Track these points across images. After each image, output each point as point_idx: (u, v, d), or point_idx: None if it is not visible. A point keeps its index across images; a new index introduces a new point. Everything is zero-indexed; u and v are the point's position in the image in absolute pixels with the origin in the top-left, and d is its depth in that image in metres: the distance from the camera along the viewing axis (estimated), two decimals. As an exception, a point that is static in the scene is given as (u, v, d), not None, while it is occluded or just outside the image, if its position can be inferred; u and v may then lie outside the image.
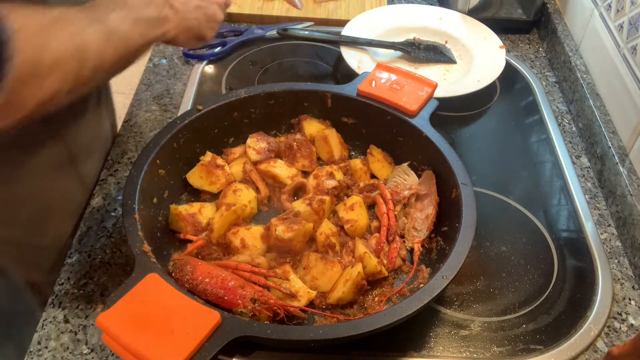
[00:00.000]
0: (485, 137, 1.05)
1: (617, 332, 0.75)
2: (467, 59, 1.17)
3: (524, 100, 1.12)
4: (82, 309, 0.74)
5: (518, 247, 0.85)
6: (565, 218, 0.90)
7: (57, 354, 0.70)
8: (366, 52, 1.15)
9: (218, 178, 0.85)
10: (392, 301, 0.74)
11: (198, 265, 0.70)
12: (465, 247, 0.70)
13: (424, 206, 0.83)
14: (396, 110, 0.87)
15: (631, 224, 0.84)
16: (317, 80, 1.14)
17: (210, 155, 0.87)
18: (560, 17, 1.23)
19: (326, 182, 0.85)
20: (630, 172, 0.89)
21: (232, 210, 0.78)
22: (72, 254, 0.80)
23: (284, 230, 0.75)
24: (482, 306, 0.77)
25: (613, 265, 0.83)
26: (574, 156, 1.00)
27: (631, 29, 0.95)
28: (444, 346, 0.72)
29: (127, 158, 0.95)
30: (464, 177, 0.78)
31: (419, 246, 0.79)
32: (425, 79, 0.91)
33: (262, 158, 0.88)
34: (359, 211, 0.82)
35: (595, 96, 1.03)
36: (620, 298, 0.79)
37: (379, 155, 0.90)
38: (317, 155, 0.91)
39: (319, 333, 0.61)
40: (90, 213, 0.86)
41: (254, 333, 0.60)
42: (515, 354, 0.72)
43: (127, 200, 0.72)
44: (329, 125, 0.93)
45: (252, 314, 0.67)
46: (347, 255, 0.78)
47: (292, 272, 0.75)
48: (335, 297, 0.72)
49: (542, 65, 1.21)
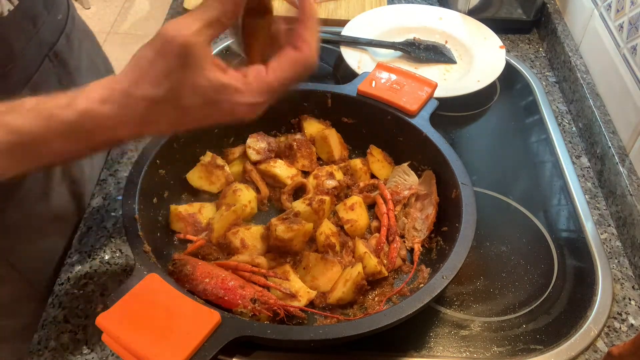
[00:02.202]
0: (485, 137, 1.05)
1: (617, 332, 0.75)
2: (467, 59, 1.17)
3: (524, 100, 1.12)
4: (82, 309, 0.74)
5: (518, 247, 0.85)
6: (565, 218, 0.90)
7: (57, 354, 0.70)
8: (366, 52, 1.15)
9: (218, 178, 0.85)
10: (392, 301, 0.74)
11: (198, 265, 0.70)
12: (465, 247, 0.70)
13: (424, 206, 0.83)
14: (396, 110, 0.87)
15: (631, 224, 0.84)
16: (317, 80, 1.14)
17: (210, 155, 0.87)
18: (560, 17, 1.23)
19: (326, 182, 0.85)
20: (630, 172, 0.89)
21: (232, 210, 0.78)
22: (72, 254, 0.80)
23: (284, 230, 0.75)
24: (482, 306, 0.77)
25: (613, 265, 0.83)
26: (574, 156, 1.00)
27: (631, 29, 0.95)
28: (444, 346, 0.72)
29: (127, 158, 0.95)
30: (464, 177, 0.78)
31: (419, 246, 0.79)
32: (425, 79, 0.91)
33: (262, 158, 0.88)
34: (359, 211, 0.82)
35: (595, 96, 1.03)
36: (620, 298, 0.79)
37: (379, 155, 0.90)
38: (317, 155, 0.91)
39: (319, 333, 0.61)
40: (90, 213, 0.86)
41: (254, 333, 0.60)
42: (515, 354, 0.72)
43: (127, 200, 0.72)
44: (329, 125, 0.93)
45: (252, 314, 0.67)
46: (347, 255, 0.78)
47: (292, 272, 0.75)
48: (335, 297, 0.72)
49: (542, 65, 1.21)
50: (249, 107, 0.52)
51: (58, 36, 0.80)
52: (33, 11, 0.71)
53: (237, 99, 0.51)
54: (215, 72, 0.50)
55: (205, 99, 0.50)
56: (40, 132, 0.49)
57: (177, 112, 0.51)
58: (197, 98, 0.50)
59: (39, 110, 0.49)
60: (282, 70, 0.54)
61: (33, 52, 0.73)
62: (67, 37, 0.83)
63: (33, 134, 0.48)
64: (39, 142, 0.49)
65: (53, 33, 0.78)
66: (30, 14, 0.70)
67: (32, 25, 0.71)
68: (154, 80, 0.49)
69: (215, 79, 0.50)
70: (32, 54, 0.72)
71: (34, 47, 0.73)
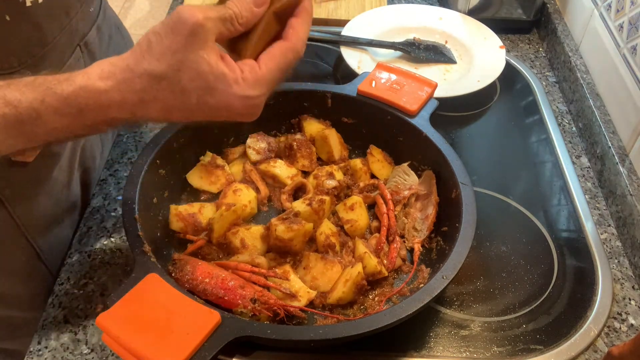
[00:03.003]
0: (485, 137, 1.05)
1: (617, 332, 0.75)
2: (467, 59, 1.17)
3: (524, 100, 1.12)
4: (82, 309, 0.74)
5: (518, 247, 0.85)
6: (565, 218, 0.90)
7: (57, 354, 0.70)
8: (366, 52, 1.15)
9: (218, 178, 0.85)
10: (392, 301, 0.74)
11: (198, 265, 0.70)
12: (465, 247, 0.70)
13: (424, 206, 0.83)
14: (396, 110, 0.87)
15: (631, 224, 0.84)
16: (317, 80, 1.14)
17: (210, 155, 0.87)
18: (560, 17, 1.23)
19: (326, 182, 0.85)
20: (630, 172, 0.89)
21: (232, 210, 0.78)
22: (72, 254, 0.80)
23: (284, 230, 0.75)
24: (482, 306, 0.77)
25: (613, 265, 0.83)
26: (574, 156, 1.00)
27: (631, 29, 0.95)
28: (444, 346, 0.72)
29: (127, 158, 0.95)
30: (464, 177, 0.78)
31: (419, 246, 0.79)
32: (425, 79, 0.91)
33: (262, 158, 0.88)
34: (359, 211, 0.82)
35: (595, 96, 1.03)
36: (620, 298, 0.79)
37: (379, 155, 0.90)
38: (317, 155, 0.91)
39: (319, 333, 0.61)
40: (90, 213, 0.86)
41: (254, 333, 0.60)
42: (515, 354, 0.72)
43: (127, 200, 0.72)
44: (329, 125, 0.93)
45: (252, 314, 0.67)
46: (347, 255, 0.78)
47: (292, 272, 0.74)
48: (335, 297, 0.72)
49: (542, 65, 1.21)
50: (243, 100, 0.53)
51: (90, 27, 0.82)
52: (66, 2, 0.74)
53: (234, 90, 0.52)
54: (217, 60, 0.51)
55: (204, 84, 0.51)
56: (35, 106, 0.50)
57: (173, 95, 0.51)
58: (197, 81, 0.51)
59: (36, 84, 0.50)
60: (273, 61, 0.55)
61: (65, 40, 0.75)
62: (98, 29, 0.85)
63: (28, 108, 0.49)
64: (34, 117, 0.50)
65: (86, 24, 0.81)
66: (64, 4, 0.73)
67: (65, 15, 0.74)
68: (159, 55, 0.50)
69: (216, 66, 0.51)
70: (64, 43, 0.75)
71: (67, 36, 0.75)
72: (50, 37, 0.71)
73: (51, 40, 0.71)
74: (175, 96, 0.52)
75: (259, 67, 0.55)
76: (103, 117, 0.52)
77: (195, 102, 0.52)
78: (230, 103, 0.53)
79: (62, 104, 0.50)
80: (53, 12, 0.70)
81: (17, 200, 0.74)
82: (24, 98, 0.49)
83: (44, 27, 0.69)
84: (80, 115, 0.51)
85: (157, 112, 0.53)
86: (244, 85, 0.53)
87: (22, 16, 0.65)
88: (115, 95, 0.51)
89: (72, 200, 0.86)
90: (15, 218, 0.74)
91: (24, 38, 0.67)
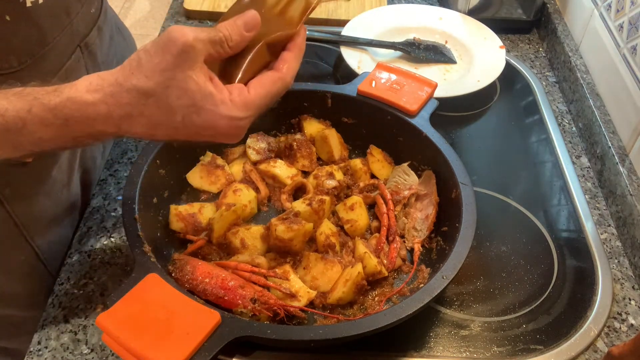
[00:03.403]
0: (485, 137, 1.05)
1: (617, 332, 0.75)
2: (467, 59, 1.17)
3: (524, 100, 1.12)
4: (82, 309, 0.74)
5: (518, 247, 0.85)
6: (565, 218, 0.90)
7: (57, 354, 0.70)
8: (366, 52, 1.15)
9: (218, 178, 0.85)
10: (392, 301, 0.74)
11: (198, 265, 0.70)
12: (465, 247, 0.70)
13: (424, 206, 0.83)
14: (396, 110, 0.87)
15: (631, 224, 0.84)
16: (317, 80, 1.14)
17: (210, 155, 0.87)
18: (560, 17, 1.23)
19: (326, 182, 0.85)
20: (630, 172, 0.89)
21: (232, 210, 0.78)
22: (72, 254, 0.80)
23: (284, 230, 0.75)
24: (482, 306, 0.77)
25: (613, 265, 0.83)
26: (574, 156, 1.00)
27: (631, 29, 0.95)
28: (444, 346, 0.72)
29: (127, 158, 0.95)
30: (464, 177, 0.78)
31: (419, 246, 0.79)
32: (425, 79, 0.91)
33: (262, 158, 0.88)
34: (359, 211, 0.82)
35: (595, 96, 1.03)
36: (620, 298, 0.79)
37: (379, 155, 0.90)
38: (317, 155, 0.91)
39: (319, 333, 0.61)
40: (90, 213, 0.86)
41: (254, 333, 0.60)
42: (515, 354, 0.72)
43: (127, 200, 0.72)
44: (329, 125, 0.93)
45: (252, 314, 0.67)
46: (347, 255, 0.78)
47: (292, 272, 0.74)
48: (335, 297, 0.72)
49: (542, 65, 1.21)
50: (229, 120, 0.55)
51: (91, 28, 0.83)
52: (66, 3, 0.74)
53: (220, 110, 0.53)
54: (205, 80, 0.53)
55: (190, 102, 0.52)
56: (22, 115, 0.50)
57: (160, 111, 0.52)
58: (183, 99, 0.52)
59: (24, 94, 0.51)
60: (262, 87, 0.57)
61: (66, 41, 0.75)
62: (98, 30, 0.85)
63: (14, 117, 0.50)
64: (20, 126, 0.50)
65: (86, 25, 0.81)
66: (64, 5, 0.73)
67: (65, 16, 0.74)
68: (148, 72, 0.51)
69: (204, 86, 0.53)
70: (65, 43, 0.75)
71: (67, 36, 0.75)
72: (51, 38, 0.71)
73: (51, 41, 0.71)
74: (162, 113, 0.52)
75: (247, 91, 0.56)
76: (89, 129, 0.53)
77: (181, 120, 0.53)
78: (216, 123, 0.54)
79: (49, 114, 0.51)
80: (53, 12, 0.71)
81: (16, 200, 0.74)
82: (11, 107, 0.50)
83: (44, 28, 0.69)
84: (66, 126, 0.52)
85: (142, 128, 0.54)
86: (230, 105, 0.54)
87: (22, 16, 0.65)
88: (101, 107, 0.51)
89: (72, 200, 0.86)
90: (15, 218, 0.74)
91: (24, 38, 0.67)
